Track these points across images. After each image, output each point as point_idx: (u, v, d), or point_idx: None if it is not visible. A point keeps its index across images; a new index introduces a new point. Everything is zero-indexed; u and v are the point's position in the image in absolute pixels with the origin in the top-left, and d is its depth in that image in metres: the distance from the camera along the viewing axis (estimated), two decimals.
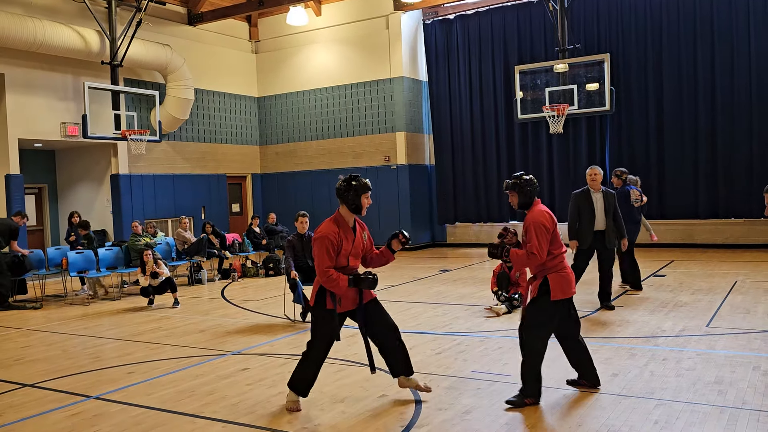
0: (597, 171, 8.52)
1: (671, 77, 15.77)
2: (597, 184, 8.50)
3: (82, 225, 12.51)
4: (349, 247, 4.88)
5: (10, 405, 5.58)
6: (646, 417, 4.62)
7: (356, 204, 4.86)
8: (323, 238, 4.78)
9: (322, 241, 4.78)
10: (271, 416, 4.99)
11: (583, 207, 8.48)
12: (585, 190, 8.59)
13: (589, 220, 8.45)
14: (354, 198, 4.84)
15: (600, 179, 8.50)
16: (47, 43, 13.80)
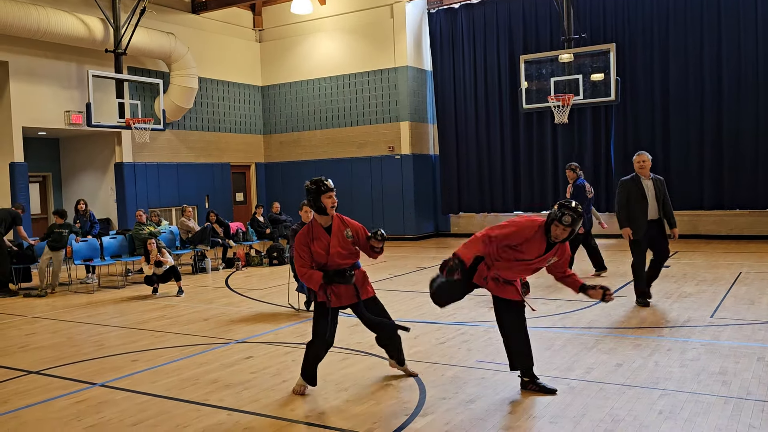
0: (645, 157, 8.02)
1: (677, 67, 15.69)
2: (646, 170, 7.99)
3: (57, 213, 11.55)
4: (320, 248, 4.99)
5: (16, 391, 5.60)
6: (651, 407, 4.62)
7: (318, 206, 4.97)
8: (295, 242, 5.07)
9: (296, 244, 5.06)
10: (276, 404, 5.00)
11: (634, 194, 7.96)
12: (634, 176, 8.06)
13: (640, 208, 7.94)
14: (315, 200, 4.96)
15: (649, 165, 8.00)
16: (51, 31, 13.78)
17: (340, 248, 5.04)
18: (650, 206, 7.97)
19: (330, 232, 5.04)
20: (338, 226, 5.07)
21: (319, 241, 5.00)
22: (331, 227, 5.06)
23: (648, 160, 8.02)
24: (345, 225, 5.12)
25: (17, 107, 14.10)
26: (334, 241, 5.02)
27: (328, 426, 4.52)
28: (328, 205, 4.97)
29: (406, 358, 6.02)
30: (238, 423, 4.64)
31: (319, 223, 5.05)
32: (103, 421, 4.78)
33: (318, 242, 5.00)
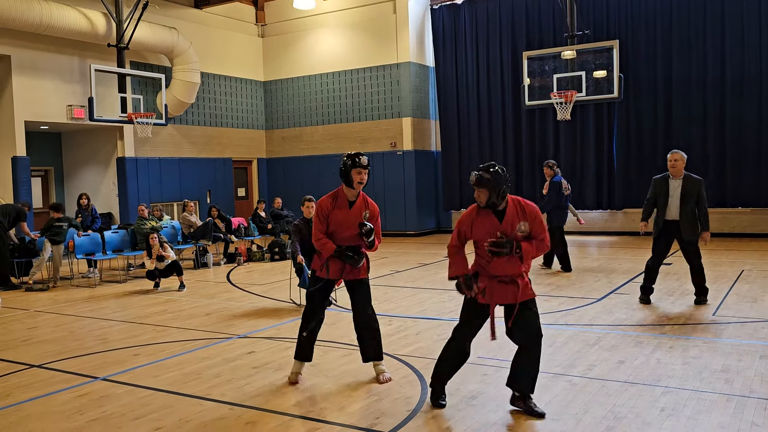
0: (677, 156, 7.87)
1: (680, 64, 15.67)
2: (677, 170, 7.83)
3: (53, 207, 11.35)
4: (341, 218, 5.17)
5: (18, 385, 5.61)
6: (653, 404, 4.62)
7: (346, 177, 5.17)
8: (317, 207, 5.29)
9: (316, 210, 5.28)
10: (278, 399, 5.01)
11: (660, 193, 7.92)
12: (665, 175, 7.99)
13: (661, 208, 7.90)
14: (345, 172, 5.16)
15: (681, 165, 7.81)
16: (54, 25, 13.76)
17: (354, 223, 5.18)
18: (670, 206, 7.85)
19: (351, 207, 5.22)
20: (361, 204, 5.25)
21: (339, 211, 5.19)
22: (354, 202, 5.23)
23: (679, 159, 7.85)
24: (366, 206, 5.28)
25: (20, 101, 14.10)
26: (352, 215, 5.19)
27: (330, 421, 4.52)
28: (356, 180, 5.13)
29: (407, 354, 6.04)
30: (241, 418, 4.64)
31: (345, 194, 5.23)
32: (105, 415, 4.79)
33: (339, 212, 5.19)
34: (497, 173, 4.54)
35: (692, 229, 7.81)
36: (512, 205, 4.61)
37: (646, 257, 12.22)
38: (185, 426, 4.52)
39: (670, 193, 7.86)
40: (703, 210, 7.79)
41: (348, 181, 5.18)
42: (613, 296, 8.63)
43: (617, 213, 16.79)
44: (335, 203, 5.22)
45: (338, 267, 5.27)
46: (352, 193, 5.23)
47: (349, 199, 5.24)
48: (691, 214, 7.78)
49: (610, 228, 16.87)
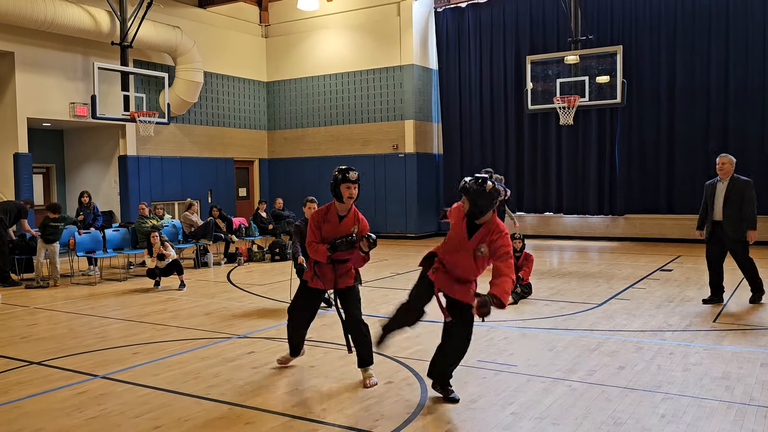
0: (725, 159, 8.20)
1: (684, 70, 15.67)
2: (724, 172, 8.16)
3: (50, 208, 11.15)
4: (329, 231, 5.25)
5: (18, 382, 5.60)
6: (653, 410, 4.61)
7: (335, 192, 5.23)
8: (310, 219, 5.46)
9: (311, 219, 5.39)
10: (278, 400, 5.00)
11: (709, 196, 8.30)
12: (714, 179, 8.39)
13: (710, 210, 8.29)
14: (334, 186, 5.21)
15: (728, 168, 8.13)
16: (58, 23, 13.77)
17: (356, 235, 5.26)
18: (715, 208, 8.22)
19: (341, 221, 5.26)
20: (351, 219, 5.29)
21: (329, 224, 5.26)
22: (344, 217, 5.28)
23: (727, 163, 8.18)
24: (356, 221, 5.32)
25: (22, 98, 14.10)
26: (340, 230, 5.25)
27: (330, 422, 4.51)
28: (345, 195, 5.18)
29: (407, 357, 6.04)
30: (240, 417, 4.63)
31: (335, 209, 5.30)
32: (104, 413, 4.78)
33: (328, 225, 5.26)
34: (482, 188, 4.61)
35: (734, 229, 8.07)
36: (486, 227, 4.67)
37: (646, 263, 12.30)
38: (184, 425, 4.51)
39: (716, 195, 8.22)
40: (747, 210, 8.05)
41: (338, 196, 5.22)
42: (614, 302, 8.62)
43: (618, 219, 16.77)
44: (326, 217, 5.30)
45: (329, 276, 5.33)
46: (342, 207, 5.28)
47: (339, 213, 5.30)
48: (734, 215, 8.06)
49: (612, 233, 16.87)
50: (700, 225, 8.50)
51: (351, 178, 5.17)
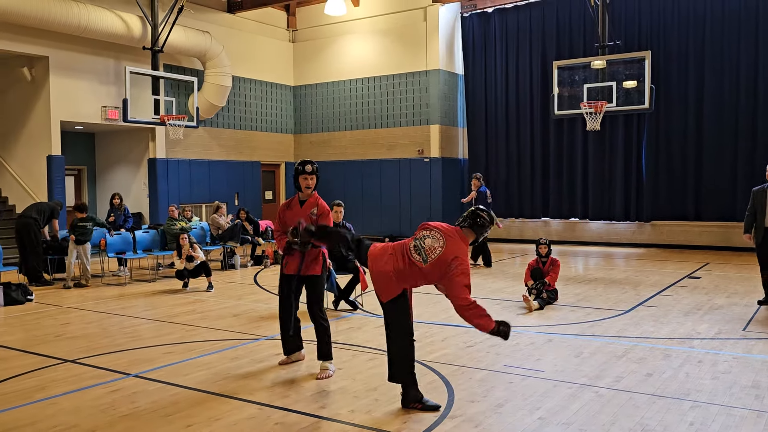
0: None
1: (713, 75, 15.51)
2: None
3: (78, 208, 11.29)
4: (290, 215, 5.88)
5: (53, 379, 5.74)
6: (681, 418, 4.59)
7: (296, 183, 5.94)
8: (278, 210, 6.13)
9: (277, 212, 6.11)
10: (306, 401, 5.07)
11: (758, 203, 8.47)
12: (763, 186, 8.54)
13: (759, 217, 8.46)
14: (294, 178, 5.94)
15: None
16: (91, 28, 14.05)
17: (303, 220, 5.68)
18: (766, 214, 8.36)
19: (302, 205, 5.92)
20: (312, 203, 5.92)
21: (291, 211, 5.93)
22: (305, 201, 5.93)
23: None
24: (316, 205, 5.93)
25: (56, 101, 14.40)
26: (302, 213, 5.85)
27: (358, 424, 4.57)
28: (303, 185, 5.87)
29: (433, 361, 6.08)
30: (270, 418, 4.71)
31: (298, 198, 5.98)
32: (137, 411, 4.89)
33: (290, 211, 5.93)
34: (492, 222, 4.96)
35: None
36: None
37: (674, 271, 12.19)
38: (215, 424, 4.60)
39: (766, 201, 8.38)
40: None
41: (298, 186, 5.92)
42: (641, 309, 8.57)
43: (645, 225, 16.63)
44: (288, 207, 6.00)
45: (295, 263, 5.82)
46: (303, 195, 5.95)
47: (301, 199, 5.96)
48: None
49: (638, 240, 16.73)
50: (747, 229, 8.65)
51: (307, 170, 5.86)
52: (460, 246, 4.75)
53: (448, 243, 4.73)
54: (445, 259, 4.65)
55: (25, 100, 14.71)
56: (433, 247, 4.73)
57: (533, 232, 18.00)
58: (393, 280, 4.79)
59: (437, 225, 4.94)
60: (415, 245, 4.80)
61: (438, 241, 4.75)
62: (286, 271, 5.93)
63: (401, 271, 4.77)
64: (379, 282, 4.85)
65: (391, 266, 4.79)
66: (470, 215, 4.90)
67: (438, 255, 4.68)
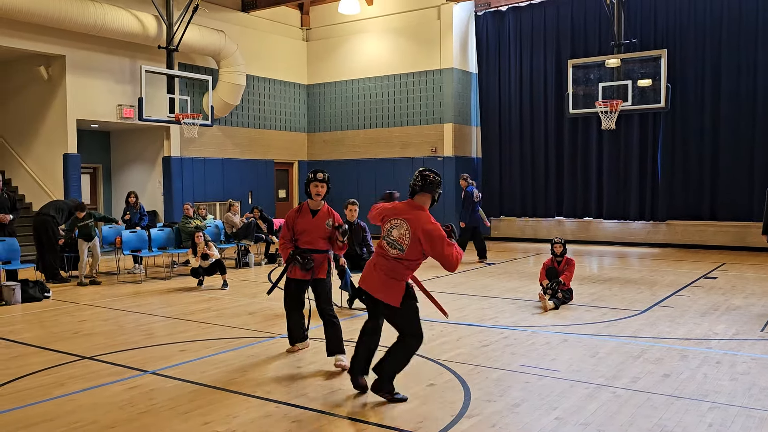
0: None
1: (729, 74, 15.39)
2: None
3: (78, 207, 11.18)
4: (303, 225, 5.98)
5: (71, 376, 5.79)
6: (700, 419, 4.56)
7: (307, 191, 6.02)
8: (286, 217, 6.21)
9: (285, 219, 6.19)
10: (322, 399, 5.08)
11: None
12: None
13: None
14: (306, 186, 6.02)
15: None
16: (107, 27, 14.14)
17: (317, 230, 5.98)
18: None
19: (314, 215, 6.00)
20: (324, 213, 6.03)
21: (303, 219, 6.01)
22: (318, 212, 6.02)
23: None
24: (330, 215, 6.05)
25: (72, 100, 14.51)
26: (315, 223, 5.97)
27: (375, 423, 4.57)
28: (313, 192, 5.96)
29: (448, 360, 6.07)
30: (287, 416, 4.73)
31: (308, 206, 6.05)
32: (155, 408, 4.92)
33: (302, 219, 6.01)
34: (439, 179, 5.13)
35: None
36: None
37: (689, 271, 12.12)
38: (233, 421, 4.62)
39: None
40: None
41: (308, 194, 5.99)
42: (657, 309, 8.52)
43: (660, 224, 16.53)
44: (299, 214, 6.04)
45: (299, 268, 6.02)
46: (314, 203, 6.02)
47: (312, 208, 6.03)
48: None
49: (653, 240, 16.63)
50: (766, 230, 8.72)
51: (318, 178, 5.94)
52: (420, 217, 4.86)
53: (410, 224, 4.86)
54: (417, 238, 4.81)
55: (42, 98, 14.83)
56: (401, 234, 4.87)
57: (547, 231, 17.94)
58: (390, 280, 4.92)
59: (392, 211, 5.02)
60: (388, 242, 4.94)
61: (401, 227, 4.88)
62: (294, 276, 6.14)
63: (391, 269, 4.91)
64: (382, 290, 4.93)
65: (381, 272, 4.95)
66: (419, 178, 4.98)
67: (409, 239, 4.84)
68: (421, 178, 4.96)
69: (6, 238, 10.47)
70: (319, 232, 5.99)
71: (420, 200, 4.97)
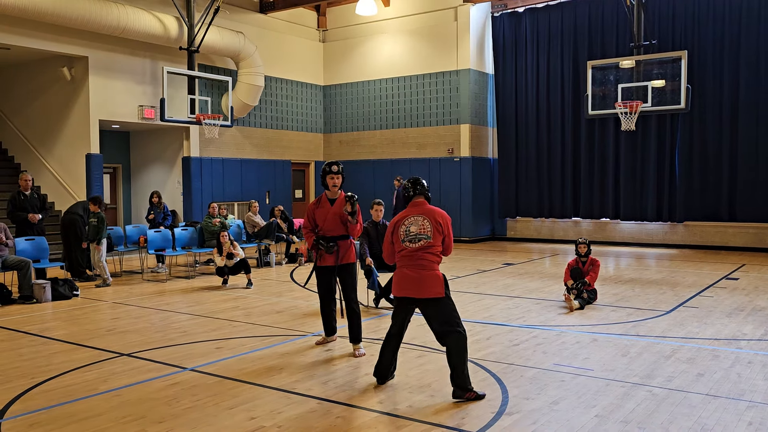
0: None
1: (748, 75, 15.39)
2: None
3: (93, 200, 10.92)
4: (323, 214, 6.42)
5: (112, 372, 5.90)
6: (739, 418, 4.62)
7: (324, 182, 6.45)
8: (307, 208, 6.63)
9: (306, 210, 6.63)
10: (362, 396, 5.17)
11: None
12: None
13: None
14: (322, 178, 6.45)
15: None
16: (129, 28, 14.29)
17: (337, 217, 6.36)
18: None
19: (333, 204, 6.43)
20: (342, 200, 6.39)
21: (322, 209, 6.44)
22: (335, 200, 6.44)
23: None
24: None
25: (95, 101, 14.67)
26: (334, 210, 6.37)
27: (417, 419, 4.65)
28: (330, 184, 6.41)
29: (481, 359, 6.15)
30: (330, 412, 4.82)
31: (326, 197, 6.48)
32: (199, 404, 5.02)
33: (322, 210, 6.44)
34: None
35: None
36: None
37: (710, 272, 12.15)
38: (278, 417, 4.72)
39: None
40: None
41: (325, 185, 6.44)
42: (682, 309, 8.57)
43: (677, 225, 16.54)
44: (318, 205, 6.50)
45: (332, 256, 6.39)
46: (331, 194, 6.47)
47: (329, 197, 6.47)
48: None
49: (670, 240, 16.64)
50: None
51: (333, 170, 6.40)
52: (432, 209, 5.35)
53: (426, 215, 5.29)
54: (437, 223, 5.25)
55: (65, 99, 15.00)
56: (421, 225, 5.26)
57: (563, 232, 17.98)
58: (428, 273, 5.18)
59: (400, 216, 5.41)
60: (410, 240, 5.26)
61: (417, 222, 5.27)
62: (323, 263, 6.46)
63: (423, 264, 5.19)
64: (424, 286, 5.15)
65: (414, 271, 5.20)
66: (412, 186, 5.44)
67: (431, 227, 5.24)
68: (413, 184, 5.45)
69: (35, 237, 10.61)
70: (339, 219, 6.39)
71: (419, 202, 5.43)
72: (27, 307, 9.21)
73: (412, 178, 5.50)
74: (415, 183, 5.44)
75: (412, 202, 5.43)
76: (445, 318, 5.13)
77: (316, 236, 6.44)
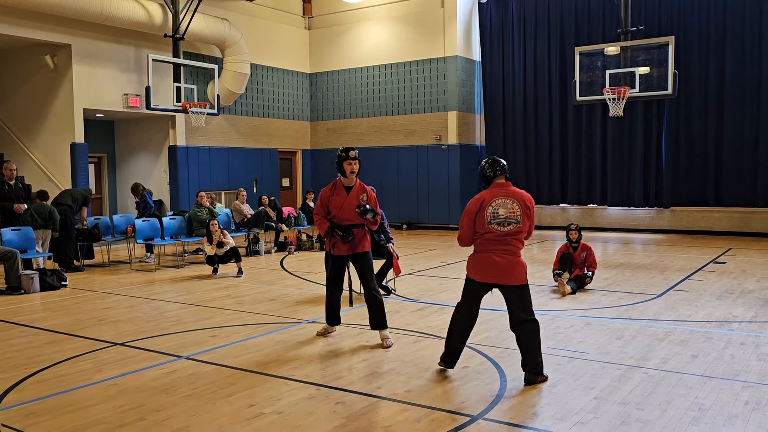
0: None
1: (733, 61, 15.50)
2: None
3: (39, 195, 10.91)
4: (338, 202, 6.19)
5: (106, 362, 5.85)
6: (736, 397, 4.67)
7: (341, 169, 6.22)
8: (320, 194, 6.38)
9: (319, 196, 6.38)
10: (360, 382, 5.16)
11: None
12: None
13: None
14: (339, 164, 6.22)
15: None
16: (113, 15, 14.08)
17: (353, 206, 6.16)
18: None
19: (349, 192, 6.22)
20: (357, 190, 6.25)
21: (337, 196, 6.20)
22: (351, 188, 6.24)
23: None
24: (363, 191, 6.27)
25: (79, 89, 14.46)
26: (349, 199, 6.17)
27: (416, 403, 4.65)
28: (347, 170, 6.18)
29: (477, 344, 6.16)
30: (329, 398, 4.80)
31: (342, 183, 6.25)
32: (198, 391, 4.99)
33: (337, 197, 6.20)
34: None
35: None
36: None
37: (698, 256, 12.27)
38: (277, 403, 4.70)
39: None
40: None
41: (342, 171, 6.19)
42: (673, 293, 8.64)
43: (664, 211, 16.67)
44: (333, 191, 6.24)
45: (347, 245, 6.19)
46: (347, 181, 6.24)
47: (345, 185, 6.25)
48: None
49: (657, 226, 16.78)
50: None
51: (351, 155, 6.17)
52: (520, 192, 5.16)
53: (515, 198, 5.08)
54: (526, 207, 5.09)
55: (48, 88, 14.78)
56: (511, 209, 5.05)
57: (551, 218, 18.06)
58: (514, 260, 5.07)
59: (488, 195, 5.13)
60: (499, 222, 5.04)
61: (506, 204, 5.05)
62: (337, 252, 6.26)
63: (510, 250, 5.06)
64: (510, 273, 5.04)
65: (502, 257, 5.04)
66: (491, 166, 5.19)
67: (520, 211, 5.05)
68: (491, 165, 5.20)
69: (21, 228, 10.48)
70: (354, 208, 6.19)
71: (503, 183, 5.17)
72: (15, 298, 9.10)
73: (489, 158, 5.25)
74: (494, 163, 5.17)
75: (494, 182, 5.15)
76: (525, 305, 5.10)
77: (331, 223, 6.22)
